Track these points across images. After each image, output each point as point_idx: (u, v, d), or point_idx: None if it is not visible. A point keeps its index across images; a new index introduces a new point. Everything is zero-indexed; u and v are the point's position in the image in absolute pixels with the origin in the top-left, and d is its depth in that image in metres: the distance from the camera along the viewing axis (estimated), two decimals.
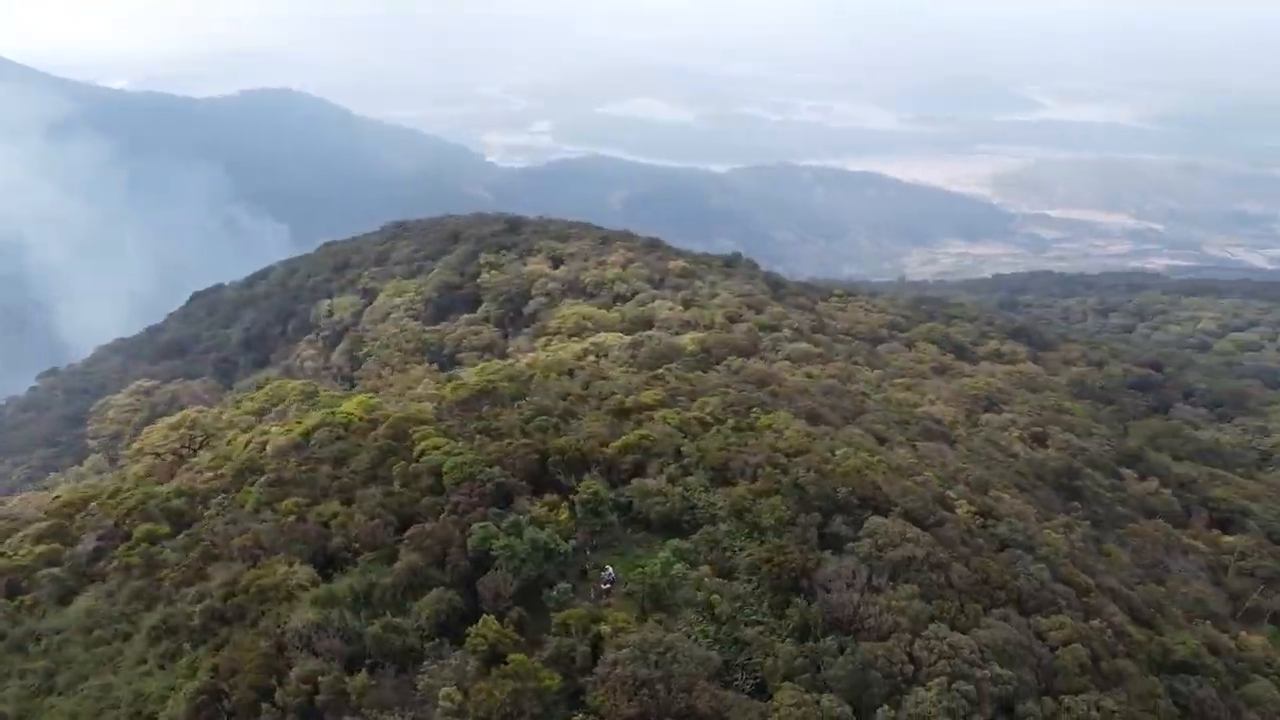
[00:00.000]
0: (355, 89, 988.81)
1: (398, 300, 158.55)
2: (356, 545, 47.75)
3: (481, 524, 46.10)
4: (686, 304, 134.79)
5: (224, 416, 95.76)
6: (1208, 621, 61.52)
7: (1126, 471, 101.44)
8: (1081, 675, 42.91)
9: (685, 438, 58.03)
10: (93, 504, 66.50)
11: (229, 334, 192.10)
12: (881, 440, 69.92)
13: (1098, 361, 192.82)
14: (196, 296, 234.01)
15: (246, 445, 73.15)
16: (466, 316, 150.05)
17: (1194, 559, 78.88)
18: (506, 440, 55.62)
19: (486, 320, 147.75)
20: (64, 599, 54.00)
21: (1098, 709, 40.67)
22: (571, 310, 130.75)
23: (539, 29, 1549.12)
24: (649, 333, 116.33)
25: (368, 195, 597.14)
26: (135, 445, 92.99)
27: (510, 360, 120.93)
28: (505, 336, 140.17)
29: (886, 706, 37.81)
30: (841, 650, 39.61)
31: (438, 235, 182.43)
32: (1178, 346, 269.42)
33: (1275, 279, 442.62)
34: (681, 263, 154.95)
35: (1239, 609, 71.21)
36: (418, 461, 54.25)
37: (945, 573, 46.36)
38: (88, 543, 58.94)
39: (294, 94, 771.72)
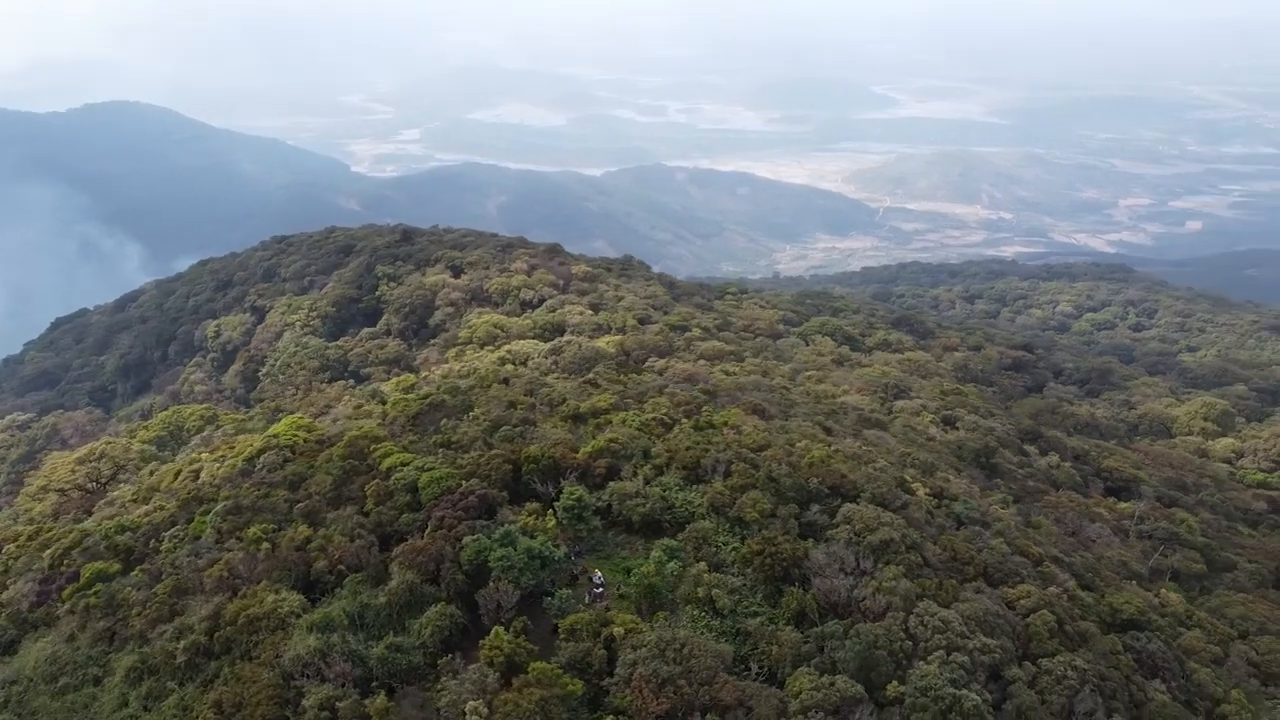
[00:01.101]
0: (208, 100, 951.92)
1: (292, 317, 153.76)
2: (341, 568, 46.69)
3: (473, 537, 45.79)
4: (595, 308, 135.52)
5: (134, 448, 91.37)
6: (1133, 581, 66.19)
7: (1029, 448, 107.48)
8: (1051, 639, 45.84)
9: (649, 439, 58.85)
10: (7, 547, 62.80)
11: (103, 361, 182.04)
12: (828, 431, 72.34)
13: (975, 346, 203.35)
14: (59, 323, 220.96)
15: (177, 476, 70.30)
16: (367, 330, 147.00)
17: (1101, 526, 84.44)
18: (477, 452, 55.29)
19: (388, 333, 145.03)
20: (8, 648, 51.00)
21: (1072, 669, 43.57)
22: (481, 319, 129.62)
23: (396, 37, 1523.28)
24: (567, 338, 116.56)
25: (230, 210, 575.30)
26: (37, 482, 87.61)
27: (424, 373, 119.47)
28: (411, 349, 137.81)
29: (895, 682, 39.66)
30: (845, 633, 41.23)
31: (328, 249, 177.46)
32: (1040, 329, 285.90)
33: (1118, 261, 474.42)
34: (584, 267, 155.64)
35: (1145, 569, 76.71)
36: (388, 479, 53.30)
37: (920, 552, 48.71)
38: (22, 587, 55.72)
39: (142, 106, 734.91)
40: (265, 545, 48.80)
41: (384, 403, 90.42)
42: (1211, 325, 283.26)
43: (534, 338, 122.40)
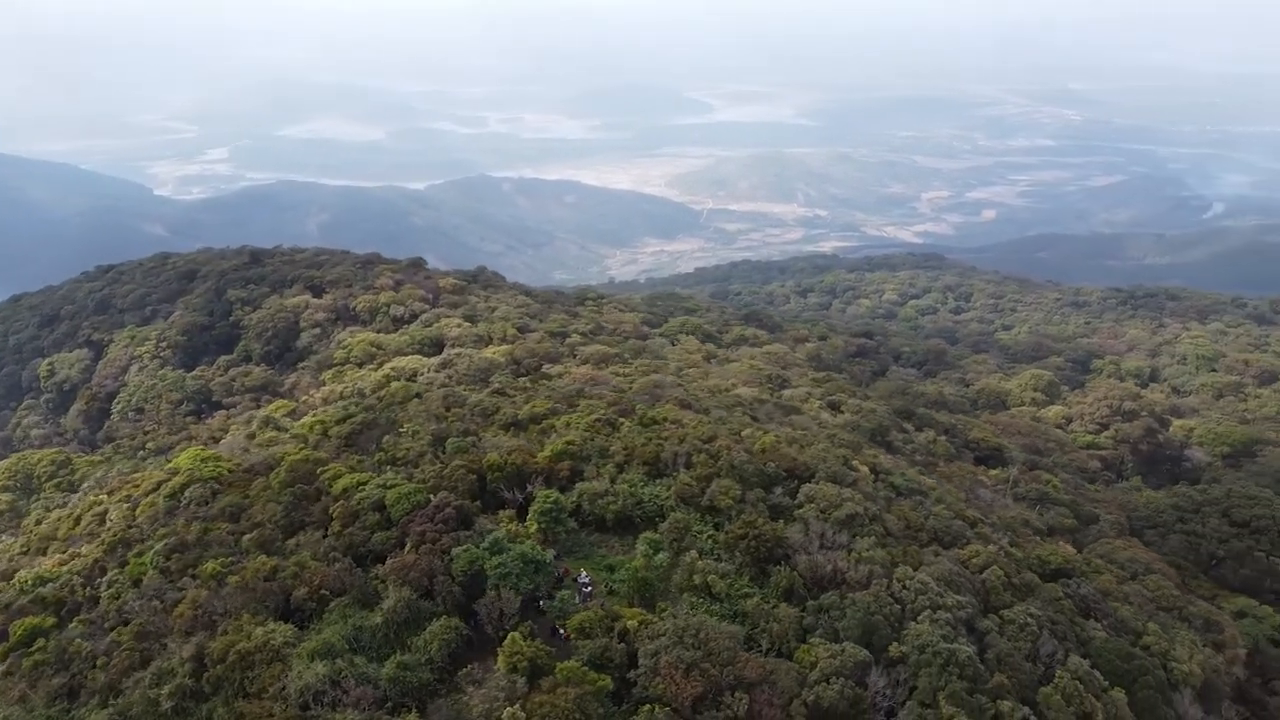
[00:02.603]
0: None
1: (139, 349, 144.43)
2: (324, 593, 45.19)
3: (462, 548, 45.41)
4: (470, 319, 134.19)
5: None
6: (1036, 537, 72.16)
7: (907, 425, 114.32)
8: (1005, 591, 49.85)
9: (604, 439, 59.58)
10: None
11: None
12: (755, 419, 74.97)
13: (822, 337, 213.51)
14: None
15: (78, 522, 65.68)
16: (225, 358, 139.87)
17: (986, 491, 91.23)
18: (432, 465, 54.54)
19: (249, 359, 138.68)
20: None
21: (1030, 616, 47.62)
22: (356, 338, 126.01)
23: (194, 52, 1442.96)
24: (455, 351, 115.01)
25: (21, 241, 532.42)
26: None
27: (303, 397, 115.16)
28: (278, 374, 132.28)
29: (895, 643, 42.28)
30: (842, 604, 43.55)
31: (168, 275, 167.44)
32: (870, 318, 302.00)
33: (928, 250, 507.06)
34: (451, 280, 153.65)
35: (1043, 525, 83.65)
36: (350, 500, 51.82)
37: (882, 523, 51.83)
38: None
39: None
40: (234, 579, 46.62)
41: (281, 429, 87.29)
42: (1021, 305, 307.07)
43: (414, 353, 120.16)
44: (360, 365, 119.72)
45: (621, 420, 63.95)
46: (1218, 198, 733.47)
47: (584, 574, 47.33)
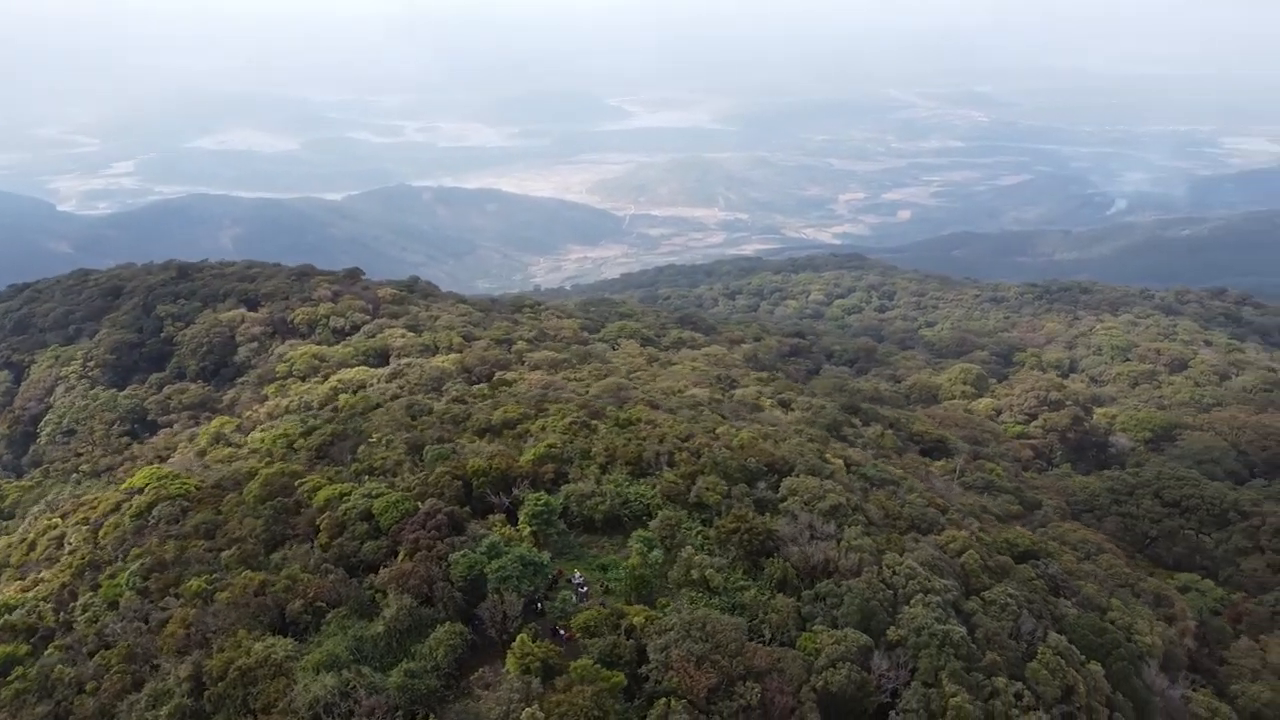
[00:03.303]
0: None
1: (65, 370, 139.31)
2: (321, 604, 44.53)
3: (460, 553, 45.25)
4: (413, 329, 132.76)
5: None
6: (998, 523, 74.61)
7: (855, 420, 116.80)
8: (983, 574, 51.63)
9: (585, 441, 59.78)
10: None
11: None
12: (724, 418, 75.88)
13: (756, 337, 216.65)
14: None
15: (32, 548, 63.39)
16: (157, 376, 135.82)
17: (939, 481, 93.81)
18: (413, 474, 54.12)
19: (183, 376, 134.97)
20: None
21: (1009, 596, 49.44)
22: (299, 351, 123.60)
23: (95, 63, 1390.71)
24: (405, 361, 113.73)
25: None
26: None
27: (246, 413, 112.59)
28: (216, 390, 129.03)
29: (893, 627, 43.52)
30: (839, 592, 44.62)
31: (91, 293, 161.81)
32: (798, 318, 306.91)
33: (847, 251, 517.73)
34: (391, 290, 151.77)
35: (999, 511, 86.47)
36: (336, 511, 51.06)
37: (863, 513, 53.20)
38: None
39: None
40: (223, 595, 45.63)
41: (234, 445, 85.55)
42: (943, 302, 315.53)
43: (360, 364, 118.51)
44: (304, 379, 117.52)
45: (595, 422, 64.28)
46: (1120, 194, 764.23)
47: (578, 574, 47.58)
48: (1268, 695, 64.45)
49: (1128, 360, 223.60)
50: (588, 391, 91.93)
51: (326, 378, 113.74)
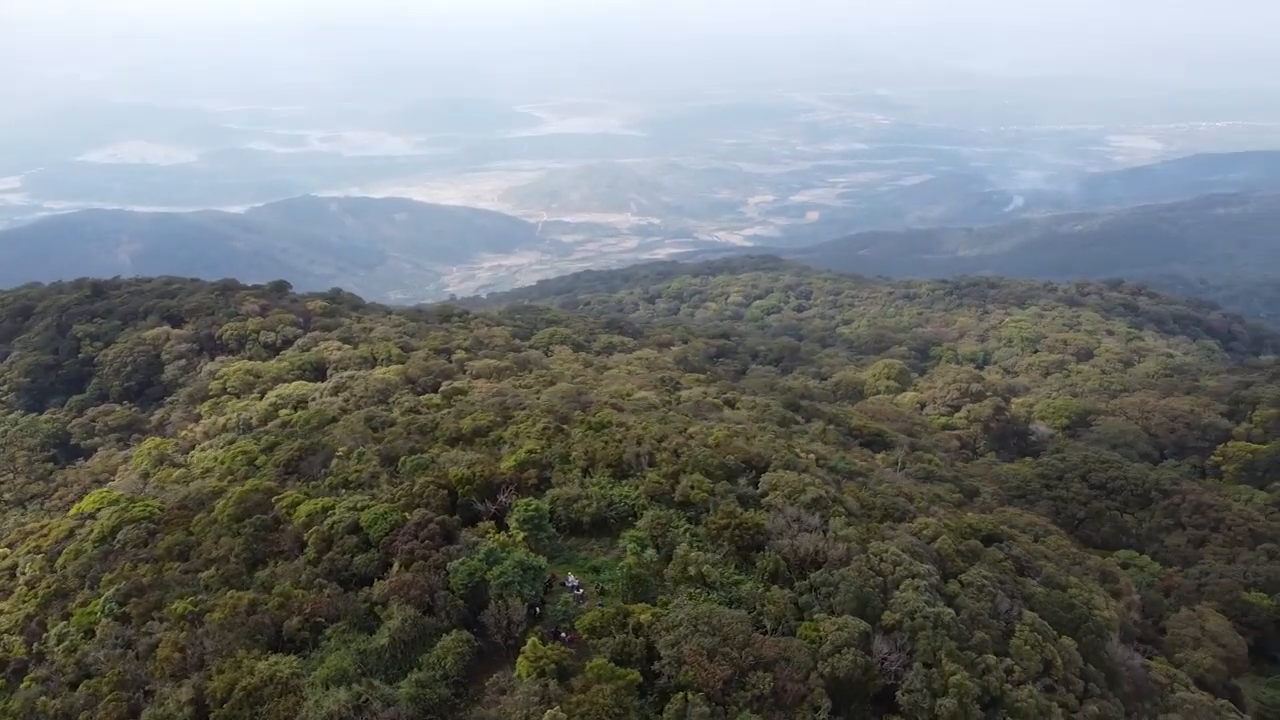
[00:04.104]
0: None
1: None
2: (319, 619, 43.89)
3: (459, 561, 45.16)
4: (348, 342, 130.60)
5: None
6: (955, 510, 77.34)
7: (797, 417, 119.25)
8: (957, 558, 53.74)
9: (559, 445, 60.01)
10: None
11: None
12: (690, 418, 76.78)
13: (684, 339, 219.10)
14: None
15: None
16: (77, 398, 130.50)
17: (886, 472, 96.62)
18: (394, 485, 53.72)
19: (106, 398, 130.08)
20: None
21: (984, 578, 51.61)
22: (232, 368, 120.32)
23: None
24: (348, 374, 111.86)
25: None
26: None
27: (182, 432, 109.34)
28: (144, 411, 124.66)
29: (887, 611, 45.04)
30: (834, 581, 45.95)
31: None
32: (719, 319, 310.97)
33: (760, 252, 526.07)
34: (321, 302, 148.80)
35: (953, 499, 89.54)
36: (320, 525, 50.26)
37: (842, 504, 54.77)
38: None
39: None
40: (215, 615, 44.58)
41: (179, 465, 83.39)
42: (858, 300, 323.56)
43: (297, 379, 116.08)
44: (239, 395, 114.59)
45: (567, 427, 64.64)
46: (1017, 192, 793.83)
47: (571, 577, 47.95)
48: (1209, 661, 68.62)
49: (1037, 351, 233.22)
50: (539, 398, 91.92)
51: (264, 394, 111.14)
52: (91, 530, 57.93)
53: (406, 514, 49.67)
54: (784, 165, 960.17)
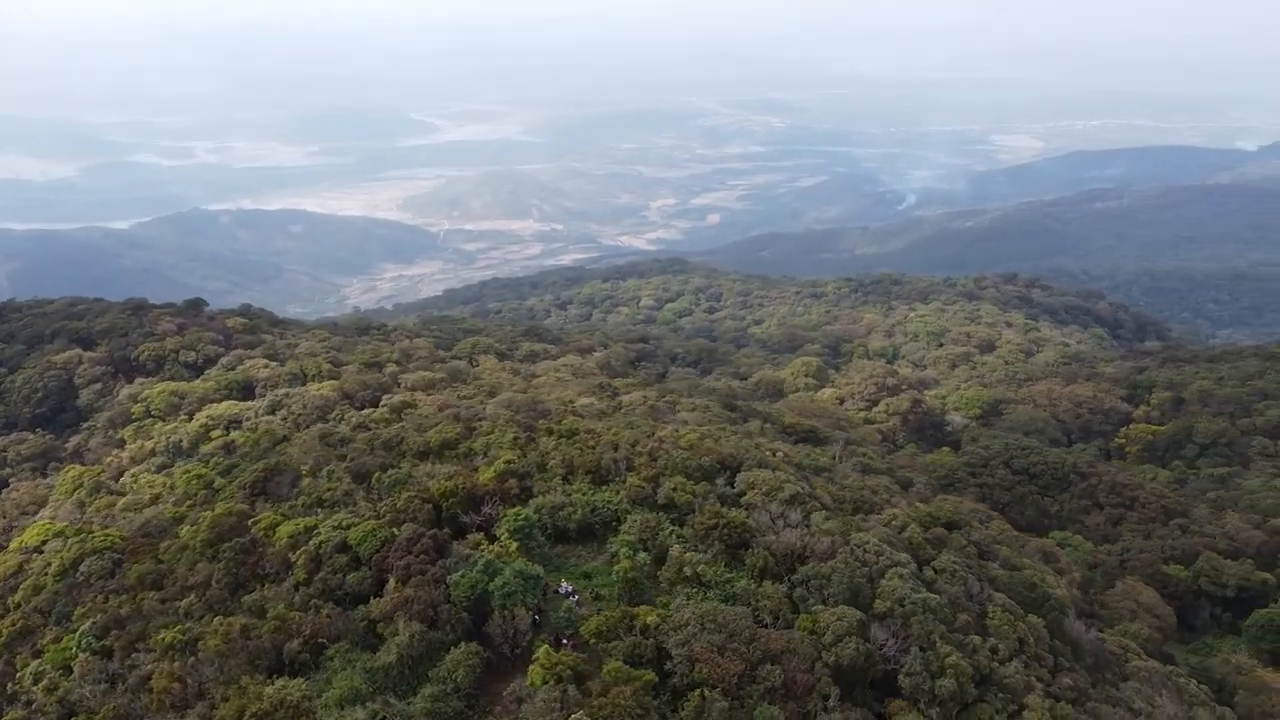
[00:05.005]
0: None
1: None
2: (322, 640, 43.29)
3: (459, 574, 45.14)
4: (274, 359, 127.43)
5: None
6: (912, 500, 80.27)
7: (735, 417, 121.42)
8: (926, 545, 56.08)
9: (535, 455, 60.18)
10: None
11: None
12: (654, 421, 77.68)
13: (604, 344, 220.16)
14: None
15: None
16: None
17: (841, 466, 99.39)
18: (392, 498, 53.32)
19: (15, 425, 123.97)
20: None
21: (954, 564, 54.05)
22: (155, 390, 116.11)
23: None
24: (283, 391, 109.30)
25: None
26: None
27: (107, 459, 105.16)
28: (59, 438, 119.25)
29: (878, 600, 46.86)
30: (827, 575, 47.53)
31: None
32: (631, 324, 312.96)
33: (664, 255, 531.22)
34: (240, 320, 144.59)
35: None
36: (306, 546, 49.40)
37: (817, 499, 56.54)
38: None
39: None
40: (211, 643, 43.53)
41: (118, 493, 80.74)
42: (767, 300, 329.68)
43: (226, 399, 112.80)
44: (164, 418, 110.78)
45: (536, 436, 64.88)
46: (909, 190, 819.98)
47: (565, 584, 48.44)
48: (1146, 632, 73.00)
49: (942, 345, 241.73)
50: (485, 408, 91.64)
51: (192, 415, 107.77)
52: (49, 564, 55.70)
53: (395, 530, 49.39)
54: (684, 169, 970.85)
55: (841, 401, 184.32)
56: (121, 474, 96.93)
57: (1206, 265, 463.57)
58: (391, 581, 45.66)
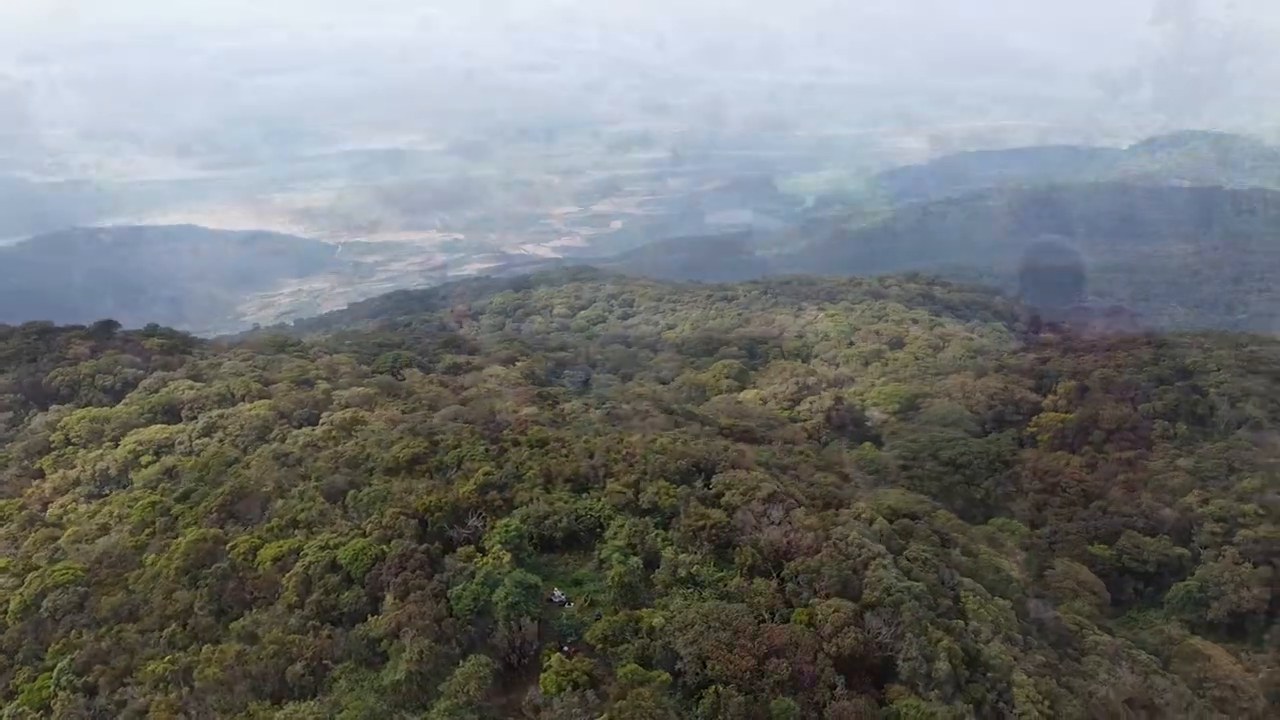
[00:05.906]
0: None
1: None
2: (327, 661, 42.65)
3: (459, 587, 45.05)
4: (199, 379, 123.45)
5: None
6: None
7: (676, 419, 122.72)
8: (895, 536, 58.24)
9: (510, 466, 60.09)
10: None
11: None
12: (616, 430, 78.06)
13: (524, 354, 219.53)
14: None
15: None
16: None
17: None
18: (372, 517, 52.62)
19: None
20: None
21: (925, 552, 56.34)
22: (74, 416, 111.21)
23: None
24: (217, 413, 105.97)
25: None
26: None
27: (29, 491, 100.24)
28: None
29: (867, 590, 48.53)
30: (816, 569, 48.99)
31: None
32: (546, 332, 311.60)
33: (570, 263, 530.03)
34: (158, 340, 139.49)
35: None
36: (295, 568, 48.47)
37: (794, 496, 58.09)
38: None
39: None
40: (210, 670, 42.44)
41: (58, 525, 77.54)
42: (680, 305, 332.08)
43: (150, 423, 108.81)
44: (86, 446, 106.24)
45: (505, 447, 64.84)
46: (808, 193, 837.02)
47: (557, 592, 48.84)
48: (1088, 609, 77.02)
49: (854, 343, 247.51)
50: (430, 421, 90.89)
51: (117, 441, 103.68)
52: (8, 601, 53.36)
53: (384, 547, 48.98)
54: (586, 176, 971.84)
55: (765, 402, 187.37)
56: (47, 505, 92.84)
57: (1099, 259, 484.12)
58: (389, 598, 45.36)
